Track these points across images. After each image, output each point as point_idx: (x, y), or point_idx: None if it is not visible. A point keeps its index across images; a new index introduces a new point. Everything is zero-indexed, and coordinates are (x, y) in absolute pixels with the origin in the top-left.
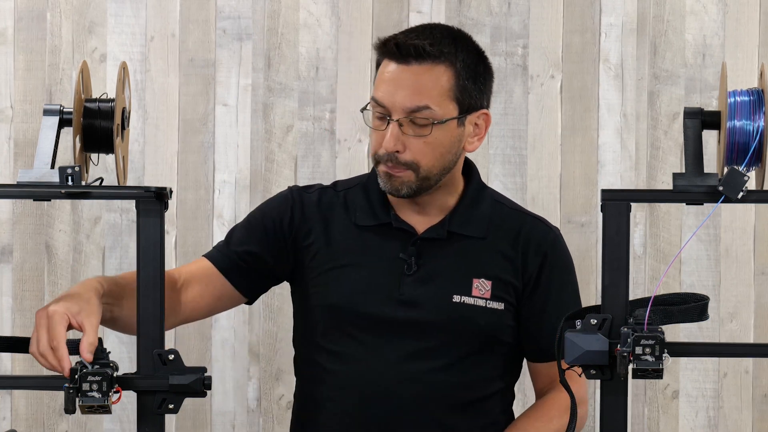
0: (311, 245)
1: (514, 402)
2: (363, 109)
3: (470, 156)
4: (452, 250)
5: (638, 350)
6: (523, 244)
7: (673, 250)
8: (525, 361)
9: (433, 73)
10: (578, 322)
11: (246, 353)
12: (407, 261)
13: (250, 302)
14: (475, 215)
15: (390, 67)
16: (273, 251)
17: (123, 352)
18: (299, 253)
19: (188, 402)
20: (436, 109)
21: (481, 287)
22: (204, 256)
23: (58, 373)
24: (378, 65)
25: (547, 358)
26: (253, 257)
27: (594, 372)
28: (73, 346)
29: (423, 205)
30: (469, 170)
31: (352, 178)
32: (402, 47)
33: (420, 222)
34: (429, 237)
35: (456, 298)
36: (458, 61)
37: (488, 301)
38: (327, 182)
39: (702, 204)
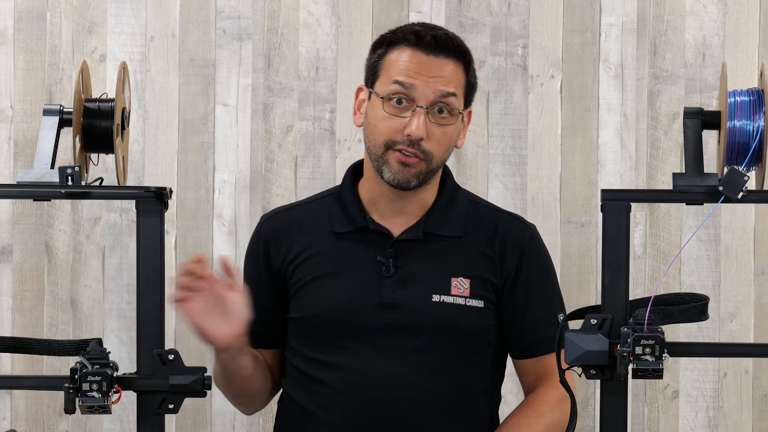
0: (290, 264)
1: (511, 400)
2: (383, 97)
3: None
4: (429, 250)
5: (638, 350)
6: (500, 242)
7: (673, 250)
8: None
9: (457, 66)
10: (559, 318)
11: None
12: (385, 263)
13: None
14: (451, 215)
15: (418, 57)
16: (275, 293)
17: (123, 352)
18: (285, 277)
19: (188, 402)
20: (458, 99)
21: (460, 286)
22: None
23: (58, 374)
24: (380, 55)
25: (530, 354)
26: (266, 312)
27: (594, 372)
28: (73, 347)
29: (405, 203)
30: (444, 172)
31: (317, 193)
32: (440, 40)
33: (396, 225)
34: (405, 239)
35: (435, 298)
36: (470, 61)
37: (467, 299)
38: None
39: (702, 204)
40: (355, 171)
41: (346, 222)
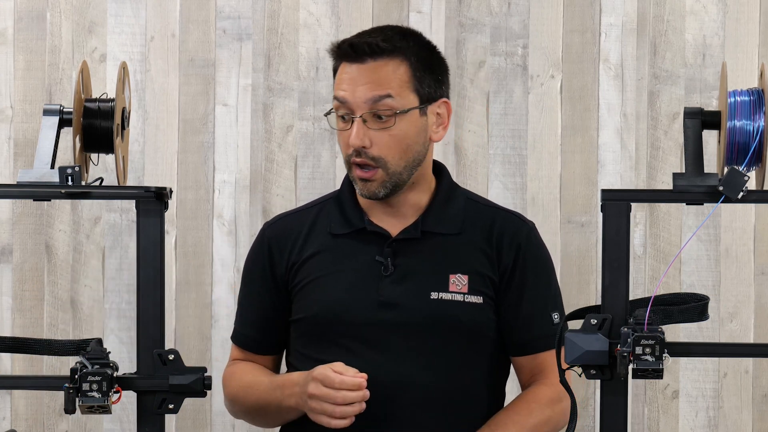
0: (292, 267)
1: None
2: (327, 114)
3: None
4: (427, 248)
5: (638, 350)
6: (497, 237)
7: (673, 250)
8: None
9: (389, 67)
10: (553, 316)
11: None
12: (383, 263)
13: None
14: (449, 213)
15: (348, 68)
16: (278, 299)
17: (123, 352)
18: (288, 281)
19: (188, 402)
20: (396, 99)
21: (458, 282)
22: (240, 347)
23: (58, 374)
24: (335, 71)
25: (525, 351)
26: (269, 319)
27: (594, 372)
28: (73, 347)
29: (397, 206)
30: (440, 171)
31: (317, 198)
32: (356, 47)
33: (394, 225)
34: (403, 238)
35: (434, 295)
36: (412, 54)
37: (466, 296)
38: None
39: (702, 204)
40: None
41: (344, 224)
